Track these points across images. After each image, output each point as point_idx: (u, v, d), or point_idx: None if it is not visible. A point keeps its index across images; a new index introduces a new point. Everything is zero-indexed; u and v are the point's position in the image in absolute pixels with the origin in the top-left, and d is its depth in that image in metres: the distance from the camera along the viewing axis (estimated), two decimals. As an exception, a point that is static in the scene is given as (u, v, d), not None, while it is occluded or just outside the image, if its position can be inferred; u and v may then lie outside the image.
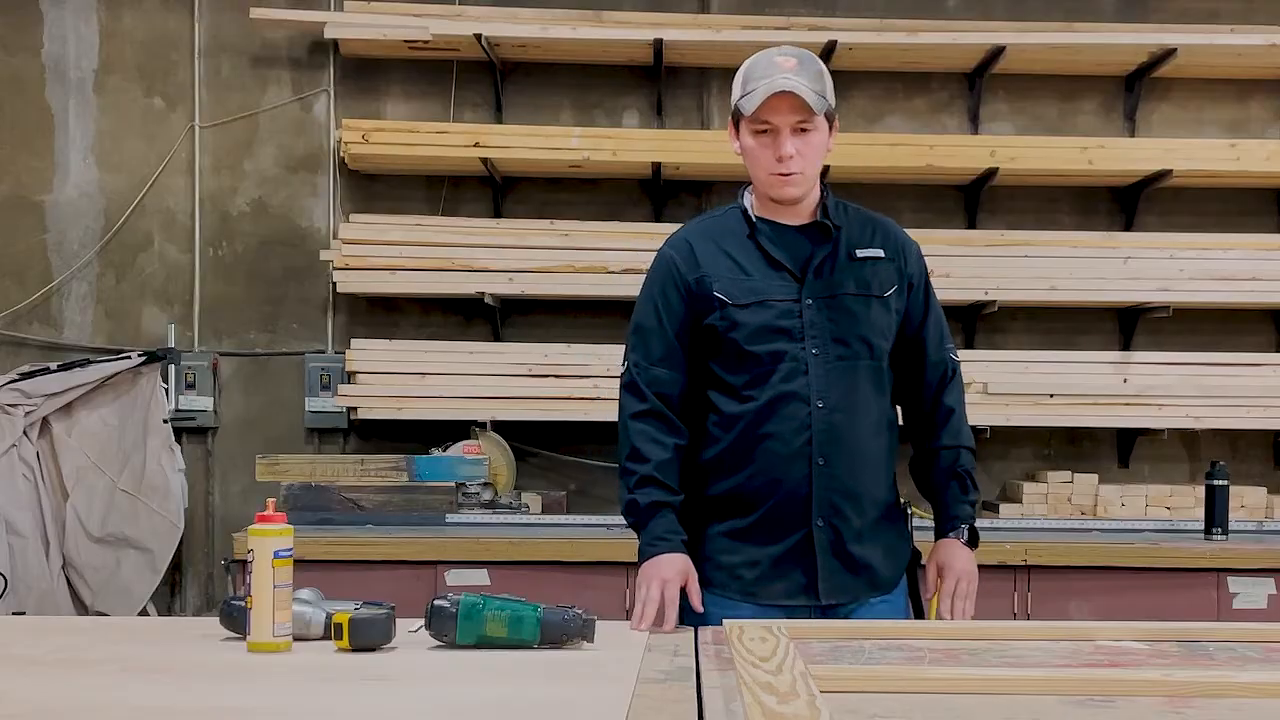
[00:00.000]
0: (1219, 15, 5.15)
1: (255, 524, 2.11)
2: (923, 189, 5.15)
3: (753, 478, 2.59)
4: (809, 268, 2.60)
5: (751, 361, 2.59)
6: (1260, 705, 1.69)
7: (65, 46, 5.18)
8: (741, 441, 2.60)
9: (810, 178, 2.60)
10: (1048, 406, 4.86)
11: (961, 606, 2.65)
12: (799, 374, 2.57)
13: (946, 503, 2.72)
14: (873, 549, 2.62)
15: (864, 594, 2.61)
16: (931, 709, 1.64)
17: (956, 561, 2.67)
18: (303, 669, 1.98)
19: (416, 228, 4.96)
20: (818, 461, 2.56)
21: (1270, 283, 4.90)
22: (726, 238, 2.65)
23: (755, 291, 2.60)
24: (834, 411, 2.57)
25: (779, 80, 2.50)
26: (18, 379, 4.92)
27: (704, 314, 2.61)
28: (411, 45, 5.01)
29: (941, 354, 2.73)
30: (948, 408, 2.73)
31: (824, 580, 2.58)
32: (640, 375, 2.63)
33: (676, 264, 2.65)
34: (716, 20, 5.07)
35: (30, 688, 1.84)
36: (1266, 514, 4.73)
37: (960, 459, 2.71)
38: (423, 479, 4.66)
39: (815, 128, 2.55)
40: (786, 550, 2.59)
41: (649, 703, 1.72)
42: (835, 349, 2.58)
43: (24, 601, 4.81)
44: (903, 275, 2.68)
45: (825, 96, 2.55)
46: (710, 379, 2.65)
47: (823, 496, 2.57)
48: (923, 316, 2.72)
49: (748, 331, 2.58)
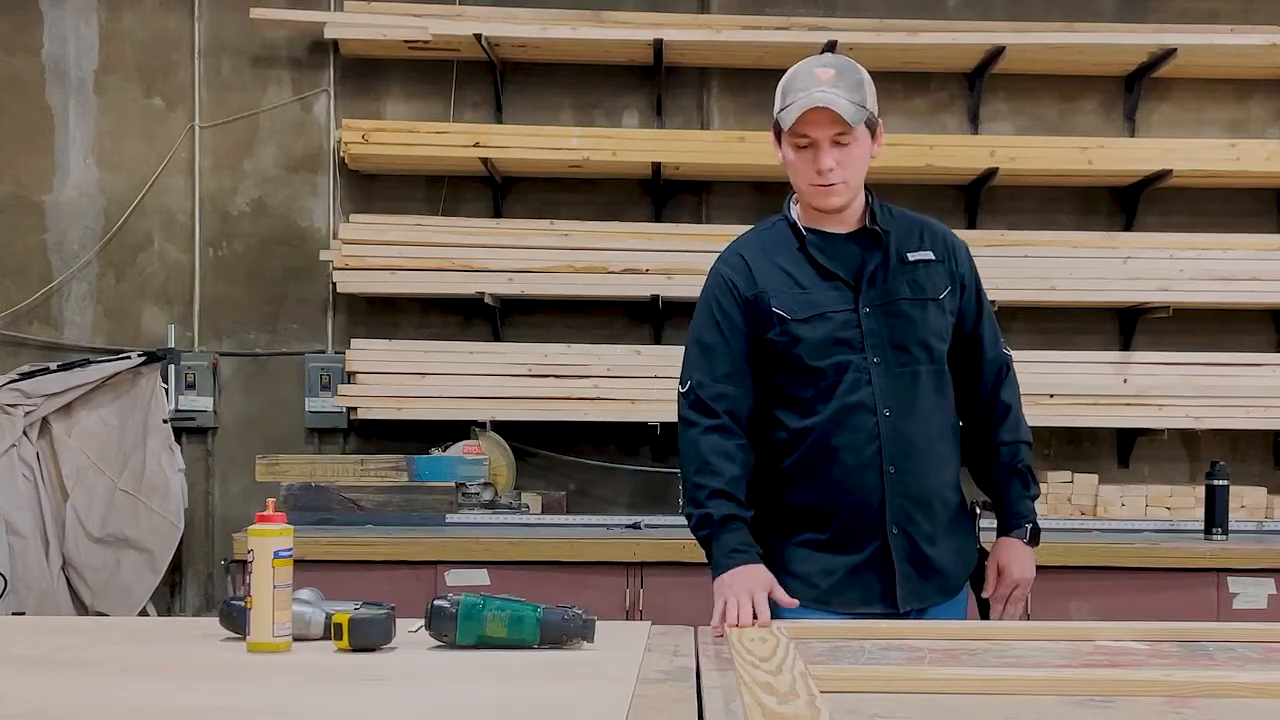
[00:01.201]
0: (1219, 15, 5.15)
1: (255, 524, 2.11)
2: (923, 189, 5.15)
3: (826, 490, 2.58)
4: (863, 276, 2.60)
5: (816, 375, 2.58)
6: (1260, 705, 1.69)
7: (65, 46, 5.18)
8: (812, 455, 2.59)
9: (853, 187, 2.61)
10: (1048, 406, 4.86)
11: (1013, 610, 2.67)
12: (863, 384, 2.56)
13: (1009, 499, 2.72)
14: (944, 552, 2.62)
15: (935, 598, 2.61)
16: (931, 709, 1.64)
17: (1015, 565, 2.68)
18: (303, 669, 1.98)
19: (416, 228, 4.96)
20: (888, 470, 2.55)
21: (1270, 283, 4.90)
22: (778, 251, 2.65)
23: (814, 305, 2.58)
24: (900, 418, 2.57)
25: (815, 94, 2.50)
26: (18, 379, 4.92)
27: (764, 330, 2.60)
28: (411, 45, 5.01)
29: (997, 351, 2.74)
30: (1005, 404, 2.73)
31: (901, 587, 2.57)
32: (705, 391, 2.60)
33: (734, 280, 2.63)
34: (716, 20, 5.07)
35: (30, 688, 1.84)
36: (1266, 514, 4.73)
37: (1020, 454, 2.72)
38: (423, 479, 4.66)
39: (855, 139, 2.56)
40: (864, 559, 2.58)
41: (649, 703, 1.72)
42: (897, 356, 2.58)
43: (24, 601, 4.81)
44: (954, 276, 2.67)
45: (865, 105, 2.56)
46: (773, 394, 2.64)
47: (895, 504, 2.56)
48: (977, 315, 2.71)
49: (810, 346, 2.57)
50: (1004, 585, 2.67)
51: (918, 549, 2.59)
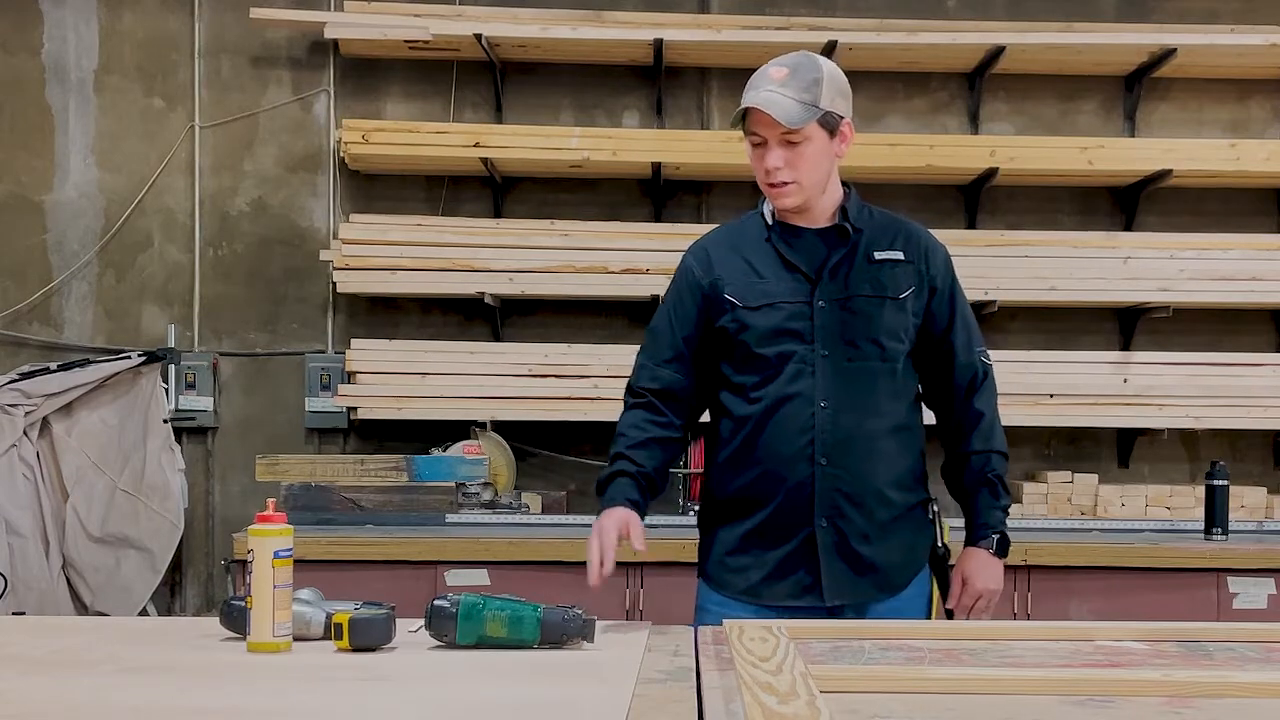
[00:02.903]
0: (1219, 15, 5.15)
1: (255, 524, 2.11)
2: (923, 189, 5.15)
3: (757, 479, 2.61)
4: (824, 270, 2.61)
5: (760, 363, 2.61)
6: (1260, 705, 1.69)
7: (65, 46, 5.18)
8: (747, 442, 2.62)
9: (808, 186, 2.60)
10: (1048, 406, 4.86)
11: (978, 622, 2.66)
12: (805, 375, 2.58)
13: (978, 509, 2.72)
14: (883, 550, 2.61)
15: (871, 595, 2.61)
16: (931, 709, 1.64)
17: (979, 575, 2.68)
18: (303, 669, 1.98)
19: (417, 228, 4.96)
20: (820, 462, 2.57)
21: (1270, 283, 4.90)
22: (745, 243, 2.68)
23: (767, 294, 2.61)
24: (840, 412, 2.57)
25: (757, 94, 2.53)
26: (18, 379, 4.92)
27: (716, 317, 2.64)
28: (411, 45, 5.02)
29: (971, 357, 2.73)
30: (977, 411, 2.73)
31: (827, 581, 2.58)
32: (643, 374, 2.69)
33: (693, 270, 2.69)
34: (716, 20, 5.07)
35: (30, 688, 1.84)
36: (1266, 514, 4.73)
37: (991, 464, 2.72)
38: (423, 479, 4.66)
39: (806, 138, 2.55)
40: (791, 551, 2.60)
41: (649, 703, 1.72)
42: (846, 350, 2.59)
43: (24, 601, 4.81)
44: (922, 278, 2.66)
45: (817, 104, 2.54)
46: (723, 382, 2.68)
47: (825, 497, 2.58)
48: (949, 320, 2.70)
49: (758, 333, 2.60)
50: (967, 596, 2.68)
51: (850, 544, 2.59)
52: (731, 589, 2.64)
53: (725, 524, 2.67)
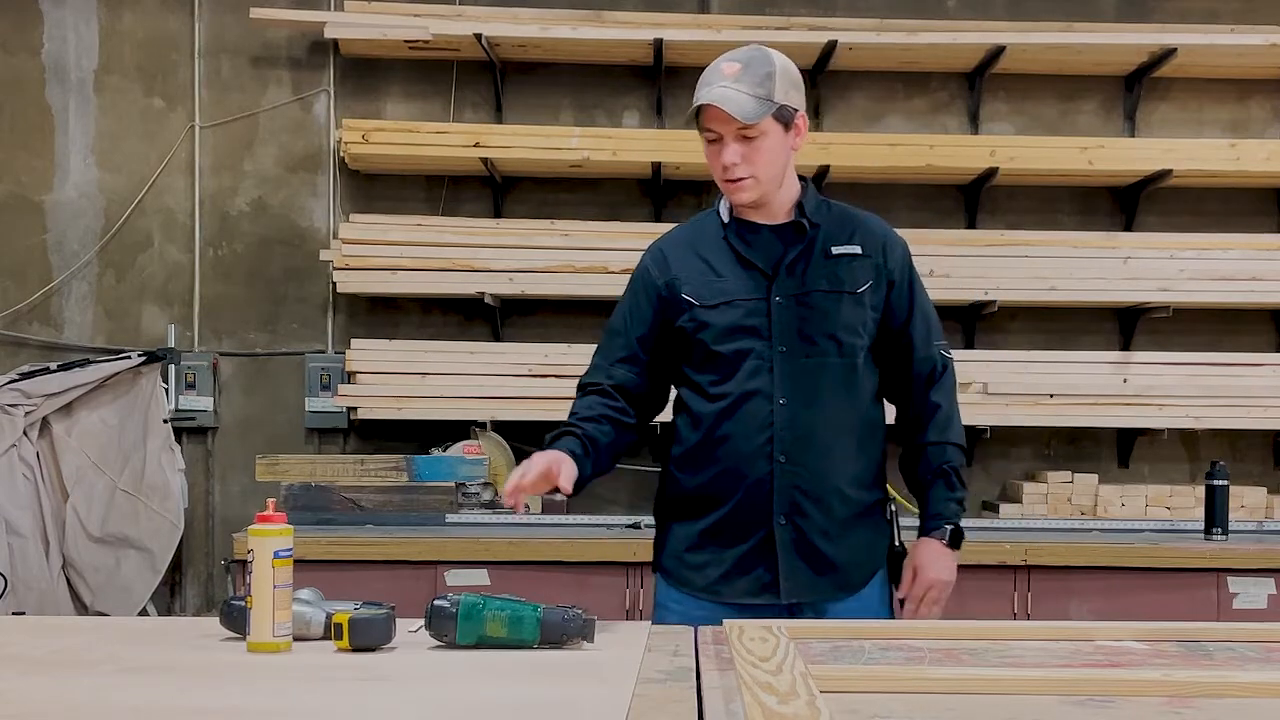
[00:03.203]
0: (1219, 15, 5.15)
1: (255, 524, 2.11)
2: (923, 189, 5.15)
3: (716, 476, 2.61)
4: (781, 266, 2.61)
5: (718, 360, 2.61)
6: (1260, 705, 1.69)
7: (65, 46, 5.18)
8: (706, 439, 2.62)
9: (765, 181, 2.60)
10: (1048, 406, 4.86)
11: (926, 612, 2.65)
12: (763, 371, 2.58)
13: (931, 500, 2.70)
14: (842, 548, 2.61)
15: (830, 593, 2.61)
16: (931, 709, 1.64)
17: (930, 567, 2.66)
18: (303, 669, 1.98)
19: (417, 228, 4.96)
20: (779, 459, 2.57)
21: (1270, 283, 4.90)
22: (702, 241, 2.69)
23: (724, 292, 2.62)
24: (799, 408, 2.57)
25: (711, 90, 2.53)
26: (18, 379, 4.92)
27: (674, 317, 2.64)
28: (411, 45, 5.02)
29: (929, 351, 2.72)
30: (934, 404, 2.71)
31: (785, 579, 2.58)
32: (597, 372, 2.70)
33: (650, 270, 2.71)
34: (716, 20, 5.07)
35: (30, 688, 1.84)
36: (1266, 514, 4.73)
37: (947, 455, 2.70)
38: (423, 479, 4.66)
39: (762, 132, 2.55)
40: (750, 548, 2.60)
41: (649, 703, 1.72)
42: (803, 346, 2.59)
43: (24, 601, 4.81)
44: (880, 271, 2.66)
45: (771, 98, 2.53)
46: (682, 379, 2.69)
47: (784, 494, 2.58)
48: (908, 313, 2.70)
49: (716, 331, 2.61)
50: (918, 586, 2.66)
51: (809, 542, 2.59)
52: (691, 586, 2.64)
53: (681, 520, 2.68)
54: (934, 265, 4.85)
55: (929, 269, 4.84)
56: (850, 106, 5.20)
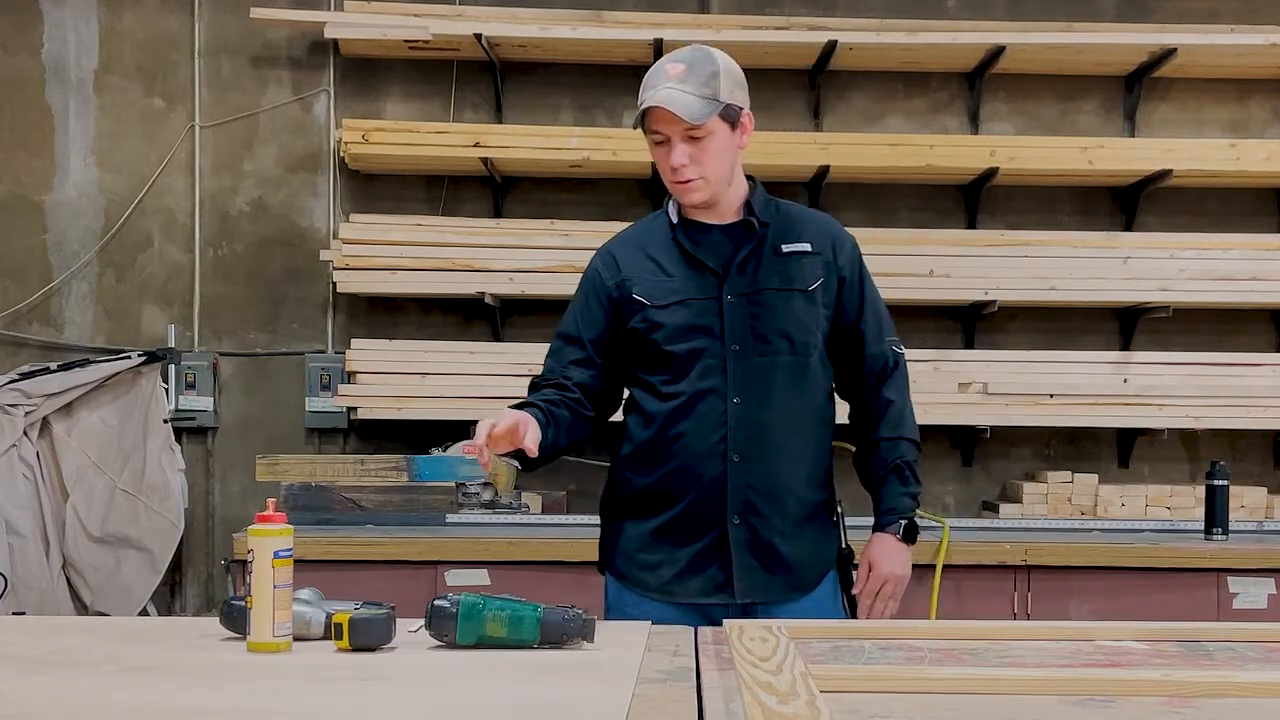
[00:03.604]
0: (1219, 15, 5.15)
1: (255, 524, 2.10)
2: (923, 189, 5.15)
3: (670, 475, 2.61)
4: (732, 265, 2.61)
5: (671, 360, 2.61)
6: (1260, 705, 1.69)
7: (65, 46, 5.18)
8: (659, 438, 2.61)
9: (714, 180, 2.60)
10: (1048, 406, 4.86)
11: (882, 607, 2.65)
12: (716, 371, 2.58)
13: (885, 495, 2.70)
14: (795, 547, 2.61)
15: (783, 593, 2.61)
16: (931, 709, 1.64)
17: (885, 561, 2.66)
18: (303, 669, 1.98)
19: (417, 228, 4.96)
20: (733, 458, 2.57)
21: (1270, 283, 4.90)
22: (651, 242, 2.68)
23: (675, 291, 2.61)
24: (752, 408, 2.57)
25: (657, 92, 2.55)
26: (18, 379, 4.92)
27: (627, 318, 2.64)
28: (411, 45, 5.02)
29: (881, 347, 2.72)
30: (887, 399, 2.71)
31: (740, 578, 2.58)
32: (550, 373, 2.69)
33: (600, 273, 2.70)
34: (716, 20, 5.07)
35: (30, 688, 1.84)
36: (1266, 514, 4.73)
37: (900, 451, 2.69)
38: (423, 479, 4.66)
39: (710, 132, 2.56)
40: (703, 548, 2.60)
41: (649, 703, 1.72)
42: (756, 345, 2.59)
43: (24, 601, 4.81)
44: (831, 268, 2.66)
45: (717, 98, 2.54)
46: (634, 379, 2.69)
47: (739, 493, 2.58)
48: (858, 309, 2.70)
49: (668, 331, 2.60)
50: (873, 581, 2.66)
51: (763, 541, 2.59)
52: (644, 586, 2.63)
53: (633, 519, 2.67)
54: (934, 265, 4.85)
55: (929, 269, 4.85)
56: (850, 106, 5.20)
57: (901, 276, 4.82)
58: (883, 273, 4.80)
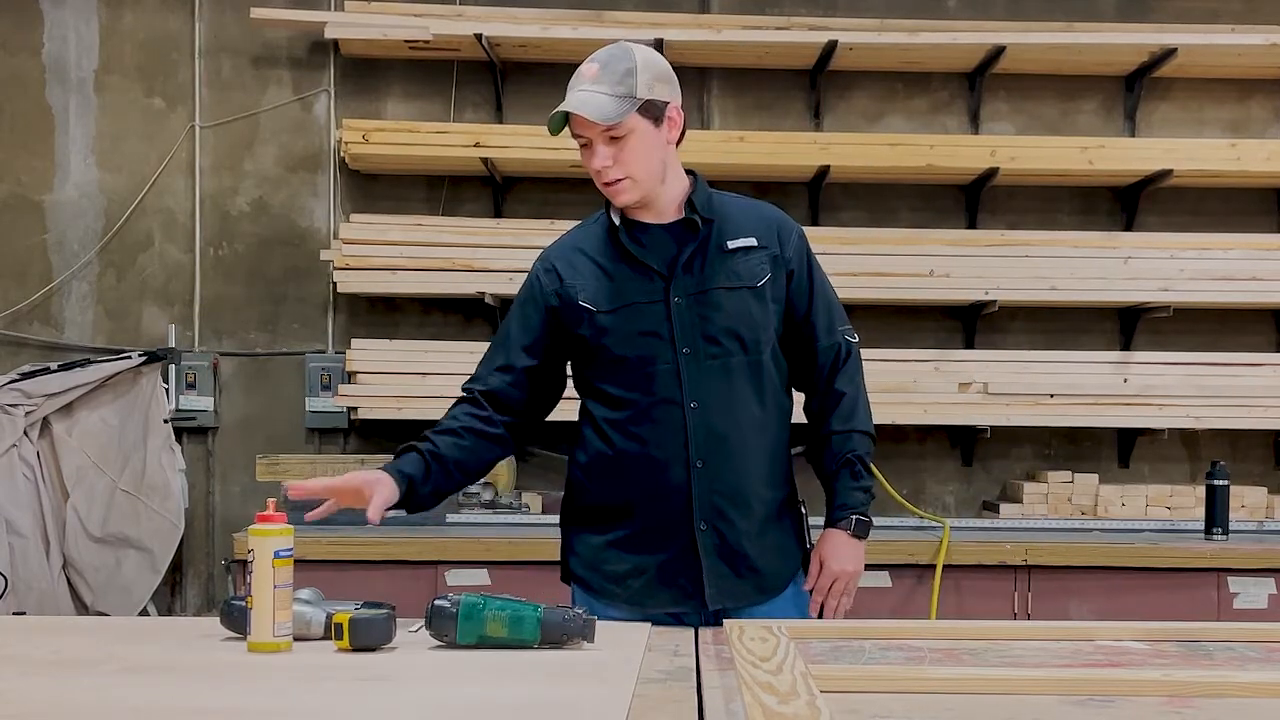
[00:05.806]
0: (1219, 15, 5.15)
1: (255, 524, 2.11)
2: (923, 189, 5.15)
3: (633, 485, 2.56)
4: (677, 265, 2.55)
5: (624, 367, 2.55)
6: (1260, 705, 1.69)
7: (65, 46, 5.18)
8: (617, 447, 2.56)
9: (643, 179, 2.53)
10: (1048, 406, 4.86)
11: (835, 605, 2.61)
12: (670, 376, 2.53)
13: (837, 490, 2.64)
14: (761, 550, 2.58)
15: (752, 596, 2.57)
16: (931, 709, 1.64)
17: (835, 557, 2.61)
18: (303, 669, 1.98)
19: (417, 228, 4.96)
20: (696, 464, 2.52)
21: (1270, 283, 4.90)
22: (594, 246, 2.62)
23: (621, 296, 2.55)
24: (710, 412, 2.52)
25: (571, 97, 2.48)
26: (18, 379, 4.92)
27: (574, 325, 2.58)
28: (412, 45, 5.02)
29: (832, 338, 2.66)
30: (839, 392, 2.65)
31: (710, 585, 2.54)
32: (477, 381, 2.65)
33: (540, 281, 2.63)
34: (716, 20, 5.07)
35: (30, 688, 1.84)
36: (1266, 514, 4.73)
37: (851, 444, 2.64)
38: (423, 479, 4.65)
39: (628, 130, 2.48)
40: (671, 556, 2.55)
41: (649, 703, 1.72)
42: (707, 347, 2.54)
43: (24, 601, 4.81)
44: (778, 262, 2.60)
45: (633, 95, 2.47)
46: (588, 389, 2.64)
47: (704, 500, 2.53)
48: (808, 302, 2.64)
49: (618, 337, 2.55)
50: (824, 577, 2.61)
51: (731, 546, 2.55)
52: (610, 596, 2.58)
53: (594, 528, 2.62)
54: (934, 265, 4.85)
55: (929, 269, 4.85)
56: (850, 106, 5.20)
57: (901, 276, 4.82)
58: (883, 272, 4.89)
